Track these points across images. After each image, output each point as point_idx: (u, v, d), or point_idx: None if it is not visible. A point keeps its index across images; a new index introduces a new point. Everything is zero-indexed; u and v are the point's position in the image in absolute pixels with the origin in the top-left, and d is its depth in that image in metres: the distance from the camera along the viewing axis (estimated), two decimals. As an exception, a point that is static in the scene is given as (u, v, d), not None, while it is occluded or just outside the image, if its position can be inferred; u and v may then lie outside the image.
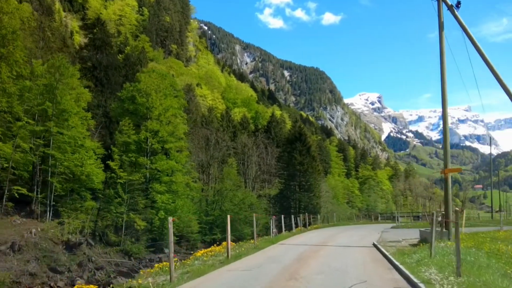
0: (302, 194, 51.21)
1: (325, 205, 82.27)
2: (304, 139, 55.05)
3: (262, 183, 62.71)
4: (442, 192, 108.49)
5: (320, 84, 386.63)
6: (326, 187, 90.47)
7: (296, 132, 56.36)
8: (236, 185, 50.62)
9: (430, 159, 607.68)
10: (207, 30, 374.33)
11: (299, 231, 35.77)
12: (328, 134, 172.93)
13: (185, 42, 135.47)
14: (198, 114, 79.84)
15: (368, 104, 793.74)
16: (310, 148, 55.76)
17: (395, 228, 36.71)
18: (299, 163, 50.98)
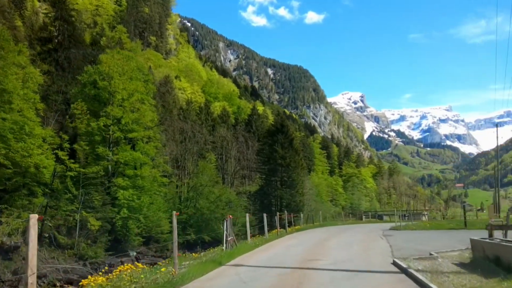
0: (284, 190, 46.81)
1: (308, 203, 78.17)
2: (286, 131, 50.53)
3: (242, 179, 58.24)
4: (425, 191, 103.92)
5: (304, 83, 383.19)
6: (309, 184, 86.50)
7: (277, 124, 51.89)
8: (212, 181, 46.01)
9: (411, 158, 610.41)
10: (190, 26, 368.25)
11: (275, 236, 28.50)
12: (312, 131, 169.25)
13: (165, 35, 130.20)
14: (176, 106, 75.12)
15: (351, 103, 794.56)
16: (292, 141, 51.29)
17: (397, 230, 29.98)
18: (280, 157, 46.56)
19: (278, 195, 47.00)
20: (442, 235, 23.42)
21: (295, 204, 46.37)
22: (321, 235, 28.91)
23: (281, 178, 47.65)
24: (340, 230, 33.87)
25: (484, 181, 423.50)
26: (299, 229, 36.40)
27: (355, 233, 29.35)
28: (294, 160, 48.15)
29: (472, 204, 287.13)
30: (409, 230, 30.13)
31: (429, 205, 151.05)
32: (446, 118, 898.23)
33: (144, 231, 37.30)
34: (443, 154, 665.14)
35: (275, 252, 17.95)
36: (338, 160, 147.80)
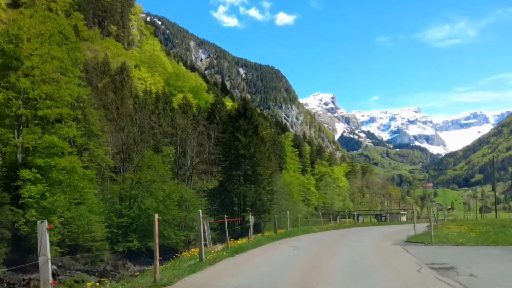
0: (248, 187, 38.93)
1: (278, 202, 70.53)
2: (250, 116, 42.59)
3: (202, 175, 50.12)
4: (398, 191, 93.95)
5: (276, 83, 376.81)
6: (280, 182, 78.97)
7: (240, 107, 43.91)
8: (162, 176, 37.71)
9: (381, 158, 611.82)
10: (161, 25, 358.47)
11: (244, 247, 18.37)
12: (283, 129, 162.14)
13: (128, 25, 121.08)
14: (131, 95, 66.63)
15: (322, 105, 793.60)
16: (257, 128, 43.32)
17: (422, 245, 18.00)
18: (243, 147, 38.75)
19: (240, 193, 39.08)
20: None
21: (261, 204, 38.67)
22: (297, 260, 14.40)
23: (244, 172, 39.74)
24: (329, 244, 20.75)
25: (453, 181, 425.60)
26: (258, 244, 21.05)
27: (360, 249, 17.81)
28: (259, 150, 40.30)
29: (442, 204, 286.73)
30: (452, 245, 17.66)
31: (403, 204, 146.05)
32: (414, 119, 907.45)
33: (69, 238, 28.96)
34: (412, 155, 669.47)
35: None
36: (311, 159, 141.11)
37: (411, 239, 20.31)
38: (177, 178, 42.51)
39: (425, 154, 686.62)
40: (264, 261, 14.05)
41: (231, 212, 36.36)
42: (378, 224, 50.02)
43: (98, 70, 71.88)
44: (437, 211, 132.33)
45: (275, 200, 67.04)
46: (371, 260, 13.43)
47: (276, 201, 67.91)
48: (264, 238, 24.86)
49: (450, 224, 35.55)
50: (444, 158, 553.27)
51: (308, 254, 16.18)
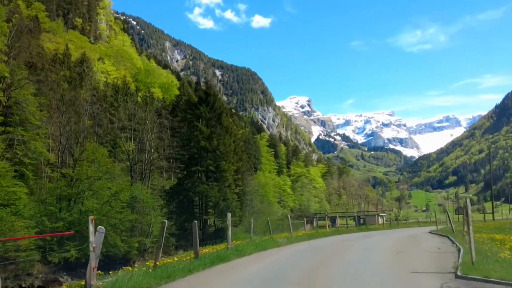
0: (210, 185, 33.18)
1: (251, 204, 64.95)
2: (213, 102, 36.70)
3: (162, 173, 44.06)
4: (375, 192, 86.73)
5: (252, 85, 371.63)
6: (254, 183, 73.37)
7: (201, 93, 38.01)
8: (107, 172, 31.65)
9: (356, 161, 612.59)
10: (136, 25, 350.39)
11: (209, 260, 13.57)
12: (259, 129, 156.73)
13: (95, 19, 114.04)
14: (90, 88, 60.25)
15: (298, 108, 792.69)
16: (221, 116, 37.50)
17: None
18: (205, 138, 33.04)
19: (202, 192, 33.21)
20: None
21: (225, 205, 33.02)
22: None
23: (206, 168, 33.97)
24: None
25: (426, 182, 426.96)
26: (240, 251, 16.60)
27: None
28: (223, 142, 34.49)
29: (417, 206, 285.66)
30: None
31: (380, 206, 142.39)
32: (389, 122, 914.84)
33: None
34: (387, 157, 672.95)
35: None
36: (286, 159, 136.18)
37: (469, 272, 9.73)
38: (132, 176, 36.51)
39: (399, 157, 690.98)
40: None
41: (191, 214, 30.82)
42: (365, 229, 43.21)
43: (57, 61, 65.49)
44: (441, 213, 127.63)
45: (247, 202, 61.59)
46: None
47: (248, 202, 62.43)
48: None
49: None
50: (418, 161, 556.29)
51: None
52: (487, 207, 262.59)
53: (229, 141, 35.97)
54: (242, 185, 54.40)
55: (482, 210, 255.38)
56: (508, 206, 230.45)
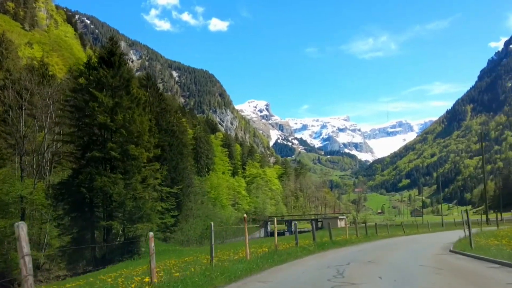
0: (112, 177, 23.63)
1: (197, 207, 56.12)
2: (119, 65, 27.29)
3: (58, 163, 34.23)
4: (333, 195, 74.60)
5: (210, 87, 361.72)
6: (197, 182, 64.44)
7: (103, 52, 28.20)
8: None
9: (313, 164, 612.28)
10: (90, 24, 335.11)
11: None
12: (214, 129, 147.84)
13: (31, 6, 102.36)
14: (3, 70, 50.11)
15: (257, 111, 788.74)
16: (130, 83, 27.57)
17: None
18: (106, 111, 23.67)
19: (100, 188, 23.47)
20: None
21: (136, 206, 24.03)
22: None
23: (105, 155, 24.37)
24: None
25: (381, 186, 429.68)
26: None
27: None
28: (133, 119, 24.98)
29: (372, 208, 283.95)
30: None
31: (337, 208, 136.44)
32: (344, 127, 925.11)
33: None
34: (342, 161, 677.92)
35: None
36: (242, 160, 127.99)
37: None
38: (23, 169, 27.02)
39: (354, 161, 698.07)
40: None
41: (88, 219, 22.04)
42: (372, 238, 29.01)
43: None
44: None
45: (190, 204, 52.84)
46: None
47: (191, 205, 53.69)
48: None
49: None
50: (372, 164, 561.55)
51: None
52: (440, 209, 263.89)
53: (143, 118, 26.67)
54: (181, 183, 45.79)
55: (437, 211, 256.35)
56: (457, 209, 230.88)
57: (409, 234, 34.16)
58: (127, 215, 23.67)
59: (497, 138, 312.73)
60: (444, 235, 30.25)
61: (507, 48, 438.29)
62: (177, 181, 45.45)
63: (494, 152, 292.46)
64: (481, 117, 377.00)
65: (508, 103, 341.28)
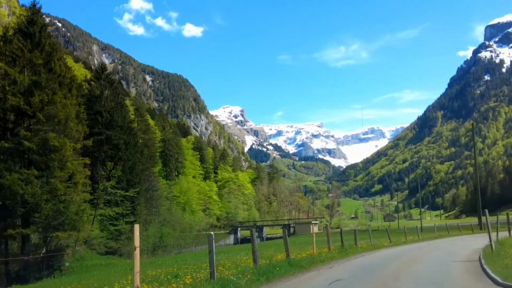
0: (26, 174, 18.54)
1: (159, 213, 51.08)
2: (40, 35, 21.94)
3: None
4: (307, 199, 66.81)
5: (184, 92, 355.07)
6: (160, 185, 59.21)
7: (22, 23, 22.52)
8: None
9: (288, 170, 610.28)
10: (61, 26, 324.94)
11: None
12: (186, 133, 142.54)
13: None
14: None
15: (232, 117, 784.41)
16: (52, 56, 22.23)
17: None
18: (21, 92, 18.68)
19: (9, 187, 18.22)
20: None
21: (54, 208, 19.10)
22: None
23: (17, 146, 19.17)
24: None
25: (354, 191, 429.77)
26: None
27: None
28: (52, 101, 19.69)
29: (346, 213, 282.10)
30: None
31: (311, 213, 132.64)
32: (318, 133, 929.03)
33: None
34: (316, 167, 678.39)
35: None
36: (214, 164, 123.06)
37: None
38: None
39: (328, 166, 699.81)
40: None
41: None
42: (325, 260, 22.60)
43: None
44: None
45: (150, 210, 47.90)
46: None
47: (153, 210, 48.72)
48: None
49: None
50: (345, 170, 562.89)
51: None
52: (413, 214, 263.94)
53: (67, 101, 21.45)
54: (138, 186, 40.91)
55: (410, 216, 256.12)
56: (430, 213, 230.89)
57: (397, 244, 26.52)
58: (44, 221, 18.90)
59: (467, 143, 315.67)
60: (446, 245, 23.71)
61: (476, 57, 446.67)
62: (133, 183, 40.55)
63: (465, 158, 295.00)
64: (452, 124, 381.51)
65: (477, 110, 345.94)
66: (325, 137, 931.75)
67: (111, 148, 41.27)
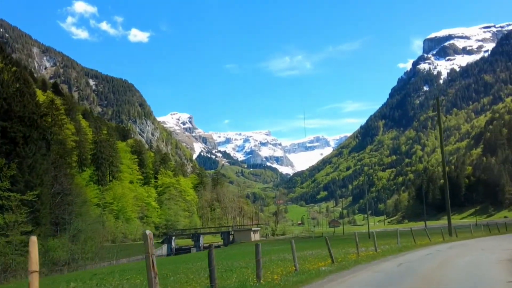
0: None
1: (69, 220, 43.04)
2: None
3: None
4: (251, 205, 61.31)
5: (129, 97, 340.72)
6: (75, 189, 50.75)
7: None
8: None
9: (237, 177, 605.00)
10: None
11: None
12: (126, 136, 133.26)
13: None
14: None
15: (180, 124, 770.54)
16: None
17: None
18: None
19: None
20: None
21: None
22: None
23: None
24: None
25: (301, 198, 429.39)
26: None
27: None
28: None
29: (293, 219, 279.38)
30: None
31: (256, 220, 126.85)
32: (266, 142, 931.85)
33: None
34: (264, 174, 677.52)
35: None
36: (154, 169, 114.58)
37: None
38: None
39: (276, 174, 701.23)
40: None
41: None
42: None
43: None
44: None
45: (60, 218, 39.99)
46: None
47: (66, 218, 40.79)
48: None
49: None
50: (292, 177, 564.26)
51: None
52: (357, 220, 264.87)
53: None
54: (39, 188, 33.20)
55: (354, 222, 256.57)
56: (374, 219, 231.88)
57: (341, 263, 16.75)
58: None
59: (408, 151, 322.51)
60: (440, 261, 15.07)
61: (415, 69, 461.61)
62: (33, 185, 32.75)
63: (405, 165, 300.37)
64: (393, 132, 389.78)
65: (417, 119, 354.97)
66: (273, 145, 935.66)
67: (6, 143, 33.38)
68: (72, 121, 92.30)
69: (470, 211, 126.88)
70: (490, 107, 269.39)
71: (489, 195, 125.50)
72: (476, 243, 22.38)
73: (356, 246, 17.01)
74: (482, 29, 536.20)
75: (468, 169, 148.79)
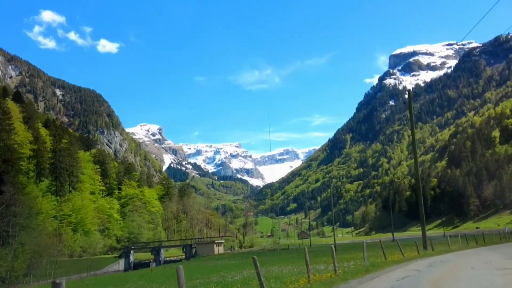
0: None
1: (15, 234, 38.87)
2: None
3: None
4: (218, 217, 57.87)
5: (97, 107, 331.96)
6: (57, 204, 46.30)
7: None
8: None
9: (207, 189, 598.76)
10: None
11: None
12: (89, 146, 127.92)
13: None
14: None
15: (149, 135, 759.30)
16: None
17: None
18: None
19: None
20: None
21: None
22: None
23: None
24: None
25: (271, 209, 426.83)
26: None
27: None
28: None
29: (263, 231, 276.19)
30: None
31: (223, 233, 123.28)
32: (236, 154, 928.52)
33: None
34: (235, 186, 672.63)
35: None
36: (118, 179, 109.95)
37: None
38: None
39: (246, 186, 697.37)
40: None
41: None
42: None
43: None
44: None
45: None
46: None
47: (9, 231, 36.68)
48: None
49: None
50: (263, 189, 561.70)
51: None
52: (326, 231, 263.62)
53: None
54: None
55: (322, 233, 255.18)
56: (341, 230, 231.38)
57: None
58: None
59: (374, 164, 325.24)
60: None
61: (381, 83, 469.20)
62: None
63: (372, 177, 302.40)
64: (360, 146, 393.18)
65: (383, 133, 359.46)
66: (243, 157, 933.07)
67: None
68: (30, 129, 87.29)
69: (436, 222, 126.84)
70: (453, 121, 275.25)
71: (454, 207, 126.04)
72: (459, 258, 19.84)
73: (307, 267, 13.39)
74: (445, 46, 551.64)
75: (434, 181, 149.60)
